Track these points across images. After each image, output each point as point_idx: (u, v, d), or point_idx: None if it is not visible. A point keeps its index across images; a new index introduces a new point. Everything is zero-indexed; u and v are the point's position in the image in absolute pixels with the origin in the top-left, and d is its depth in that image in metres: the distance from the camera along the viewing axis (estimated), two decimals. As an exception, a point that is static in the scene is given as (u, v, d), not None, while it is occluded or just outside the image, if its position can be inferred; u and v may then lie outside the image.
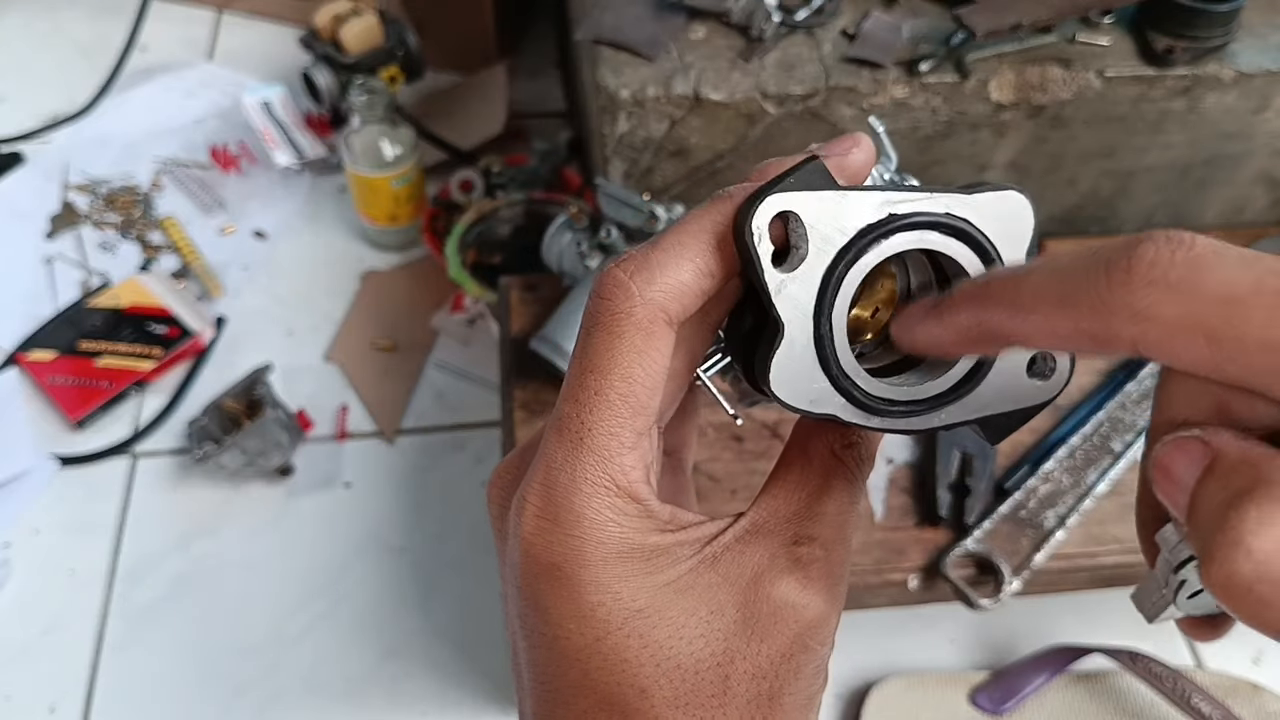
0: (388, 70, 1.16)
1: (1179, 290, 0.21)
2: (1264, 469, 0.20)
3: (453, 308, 1.07)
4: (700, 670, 0.26)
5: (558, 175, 1.08)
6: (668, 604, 0.26)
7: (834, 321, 0.27)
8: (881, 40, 0.79)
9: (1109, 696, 0.81)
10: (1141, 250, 0.22)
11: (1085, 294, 0.22)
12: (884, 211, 0.26)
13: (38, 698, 0.83)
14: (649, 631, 0.26)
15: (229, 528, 0.93)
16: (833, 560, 0.28)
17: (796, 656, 0.26)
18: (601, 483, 0.26)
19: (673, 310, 0.26)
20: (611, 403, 0.26)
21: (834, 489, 0.28)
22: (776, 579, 0.27)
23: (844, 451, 0.28)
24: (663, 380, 0.27)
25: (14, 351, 1.03)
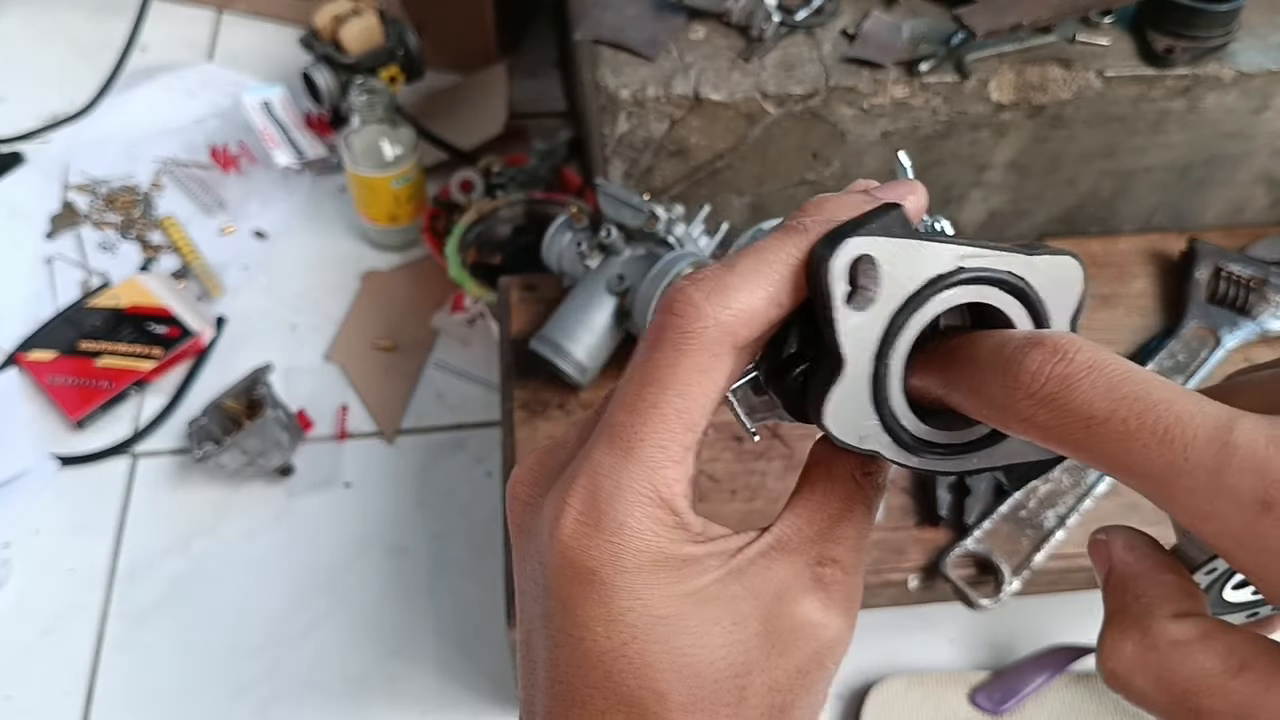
0: (388, 70, 1.16)
1: (1049, 406, 0.23)
2: (1132, 589, 0.24)
3: (453, 308, 1.07)
4: (719, 679, 0.27)
5: (558, 175, 1.08)
6: (692, 612, 0.27)
7: (893, 365, 0.28)
8: (881, 40, 0.79)
9: (1109, 696, 0.81)
10: (1026, 361, 0.24)
11: (991, 391, 0.25)
12: (955, 264, 0.28)
13: (38, 698, 0.83)
14: (672, 638, 0.27)
15: (229, 528, 0.93)
16: (851, 583, 0.29)
17: (812, 673, 0.27)
18: (646, 493, 0.27)
19: (740, 335, 0.27)
20: (666, 417, 0.27)
21: (854, 513, 0.29)
22: (800, 597, 0.28)
23: (864, 478, 0.29)
24: (717, 400, 0.28)
25: (14, 351, 1.03)
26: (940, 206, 0.89)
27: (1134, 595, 0.24)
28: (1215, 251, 0.83)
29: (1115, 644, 0.23)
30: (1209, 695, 0.22)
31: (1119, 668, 0.23)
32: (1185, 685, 0.22)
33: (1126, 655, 0.23)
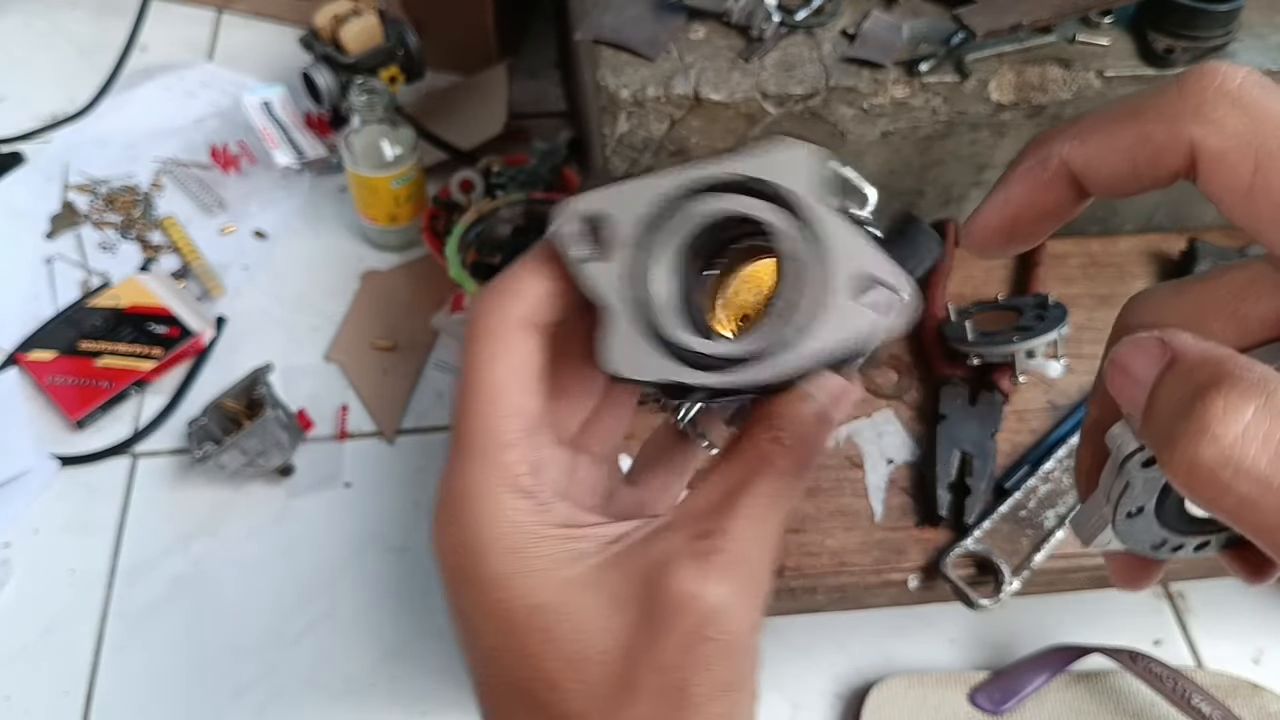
0: (388, 70, 1.16)
1: (1247, 108, 0.23)
2: (1227, 365, 0.21)
3: (453, 308, 1.07)
4: (606, 664, 0.26)
5: (558, 175, 1.08)
6: (569, 599, 0.27)
7: (651, 287, 0.28)
8: (881, 40, 0.79)
9: (1109, 696, 0.81)
10: (1214, 67, 0.24)
11: (1155, 102, 0.24)
12: (681, 186, 0.29)
13: (38, 698, 0.83)
14: (552, 626, 0.27)
15: (229, 528, 0.93)
16: (738, 550, 0.27)
17: (698, 648, 0.27)
18: (486, 483, 0.28)
19: (522, 312, 0.29)
20: (482, 406, 0.28)
21: (755, 482, 0.28)
22: (674, 570, 0.27)
23: (770, 444, 0.29)
24: (533, 379, 0.29)
25: (14, 351, 1.03)
26: (940, 207, 0.89)
27: (1241, 365, 0.21)
28: (1215, 251, 0.83)
29: (1233, 410, 0.20)
30: None
31: (1233, 438, 0.20)
32: None
33: (1247, 422, 0.20)
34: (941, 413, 0.74)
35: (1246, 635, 0.86)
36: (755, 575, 0.28)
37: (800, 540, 0.68)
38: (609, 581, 0.27)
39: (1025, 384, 0.78)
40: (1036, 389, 0.78)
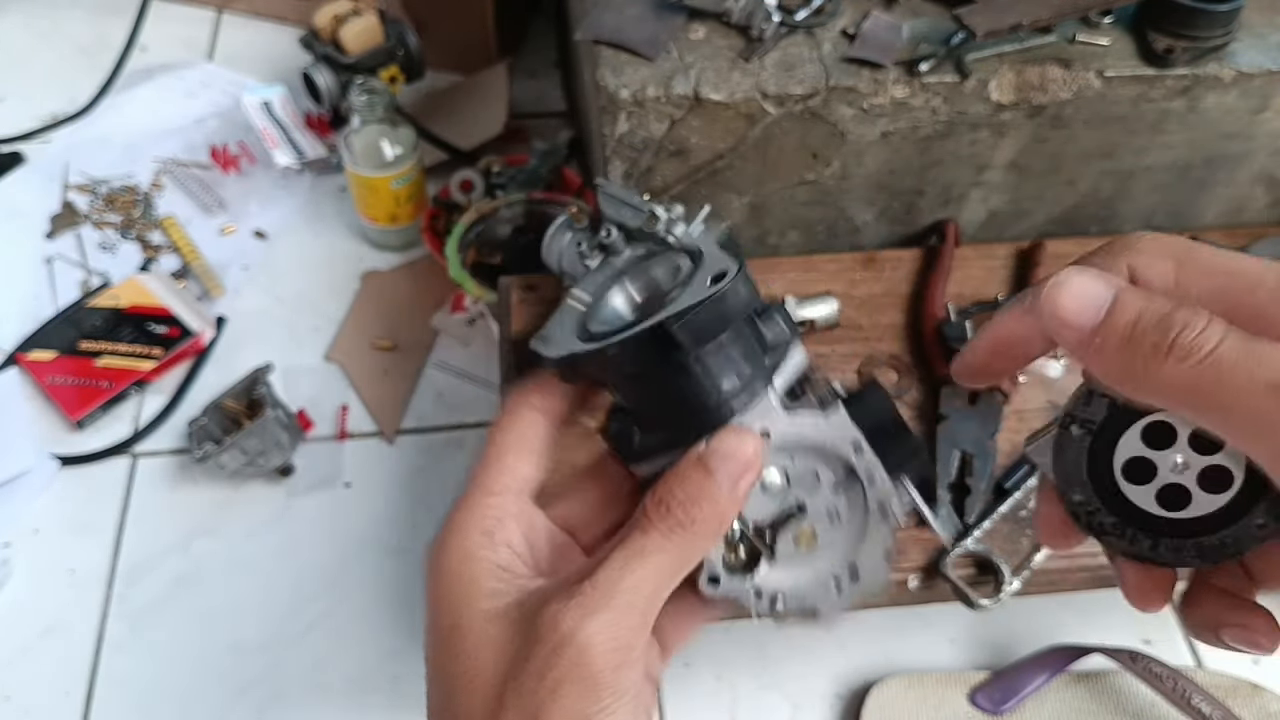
0: (388, 70, 1.16)
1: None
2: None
3: (453, 308, 1.07)
4: (489, 684, 0.31)
5: (558, 175, 1.08)
6: (476, 625, 0.32)
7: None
8: (881, 40, 0.79)
9: (1109, 696, 0.81)
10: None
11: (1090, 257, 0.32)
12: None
13: (38, 698, 0.83)
14: (458, 645, 0.32)
15: (229, 528, 0.93)
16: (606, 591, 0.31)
17: (549, 674, 0.30)
18: (466, 518, 0.34)
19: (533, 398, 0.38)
20: (488, 460, 0.36)
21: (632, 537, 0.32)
22: (545, 604, 0.31)
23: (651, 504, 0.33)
24: (530, 451, 0.37)
25: (14, 351, 1.03)
26: (940, 207, 0.89)
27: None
28: (1215, 251, 0.83)
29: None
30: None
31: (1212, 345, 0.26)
32: None
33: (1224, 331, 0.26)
34: (941, 413, 0.74)
35: (1246, 635, 0.86)
36: (620, 617, 0.31)
37: (800, 540, 0.68)
38: (510, 617, 0.32)
39: (1025, 384, 0.78)
40: (1036, 389, 0.78)
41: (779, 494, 0.36)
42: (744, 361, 0.36)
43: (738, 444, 0.33)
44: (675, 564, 0.33)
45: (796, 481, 0.36)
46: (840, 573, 0.36)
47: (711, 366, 0.35)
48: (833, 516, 0.36)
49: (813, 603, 0.36)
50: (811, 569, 0.36)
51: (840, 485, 0.36)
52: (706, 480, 0.33)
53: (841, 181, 0.85)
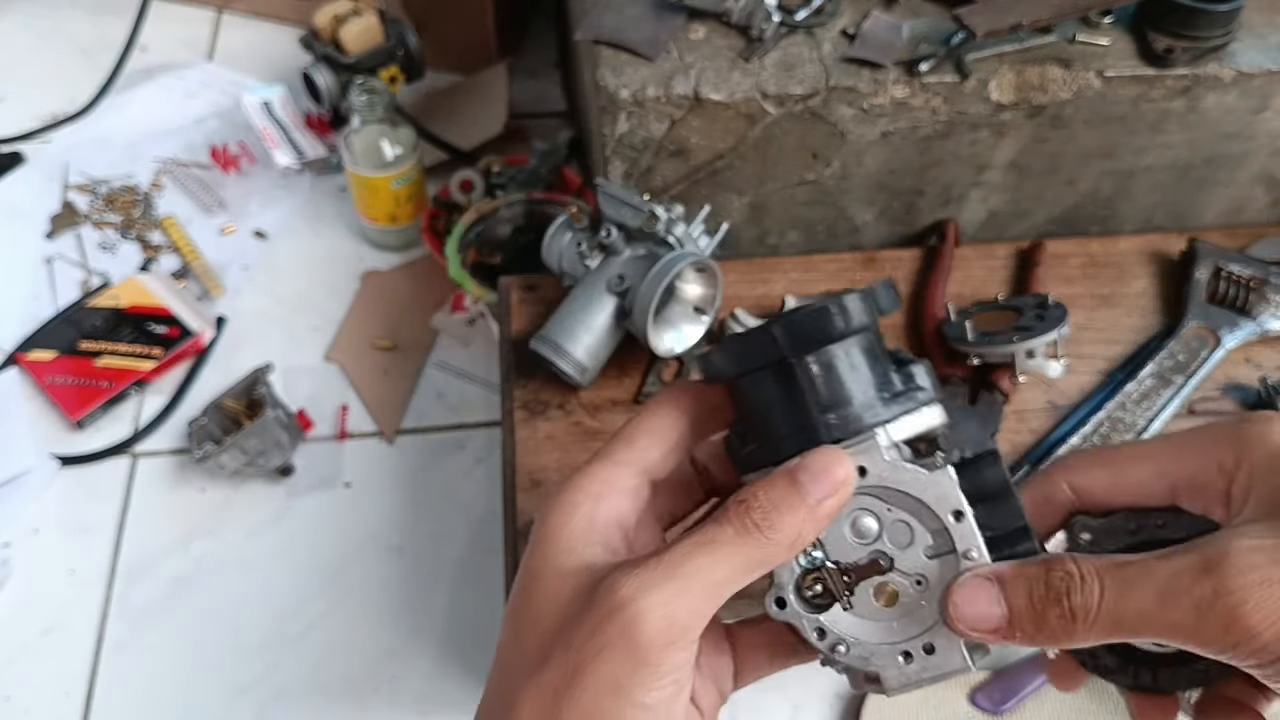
0: (388, 70, 1.16)
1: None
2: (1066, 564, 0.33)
3: (453, 308, 1.07)
4: (543, 636, 0.33)
5: (558, 175, 1.08)
6: (554, 581, 0.34)
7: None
8: (881, 40, 0.79)
9: (1109, 696, 0.81)
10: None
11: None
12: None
13: (38, 698, 0.83)
14: (533, 591, 0.34)
15: (229, 528, 0.93)
16: (670, 570, 0.32)
17: (598, 636, 0.31)
18: (578, 483, 0.35)
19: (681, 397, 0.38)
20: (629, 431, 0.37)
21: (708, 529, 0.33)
22: (612, 573, 0.32)
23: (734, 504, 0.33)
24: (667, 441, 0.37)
25: (14, 351, 1.03)
26: (940, 207, 0.89)
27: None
28: (1215, 251, 0.83)
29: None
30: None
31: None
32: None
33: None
34: (941, 413, 0.74)
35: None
36: (677, 596, 0.31)
37: (800, 540, 0.68)
38: (581, 578, 0.33)
39: (1025, 384, 0.78)
40: (1036, 389, 0.78)
41: (870, 541, 0.35)
42: (858, 394, 0.35)
43: (830, 463, 0.33)
44: (744, 564, 0.33)
45: (890, 533, 0.35)
46: (913, 647, 0.34)
47: (818, 383, 0.35)
48: (920, 581, 0.34)
49: (876, 666, 0.34)
50: (885, 630, 0.35)
51: (934, 552, 0.34)
52: (791, 492, 0.33)
53: (841, 181, 0.85)
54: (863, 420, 0.34)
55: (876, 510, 0.35)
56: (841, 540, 0.35)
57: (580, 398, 0.77)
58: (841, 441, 0.34)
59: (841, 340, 0.35)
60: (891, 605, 0.35)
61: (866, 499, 0.34)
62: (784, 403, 0.35)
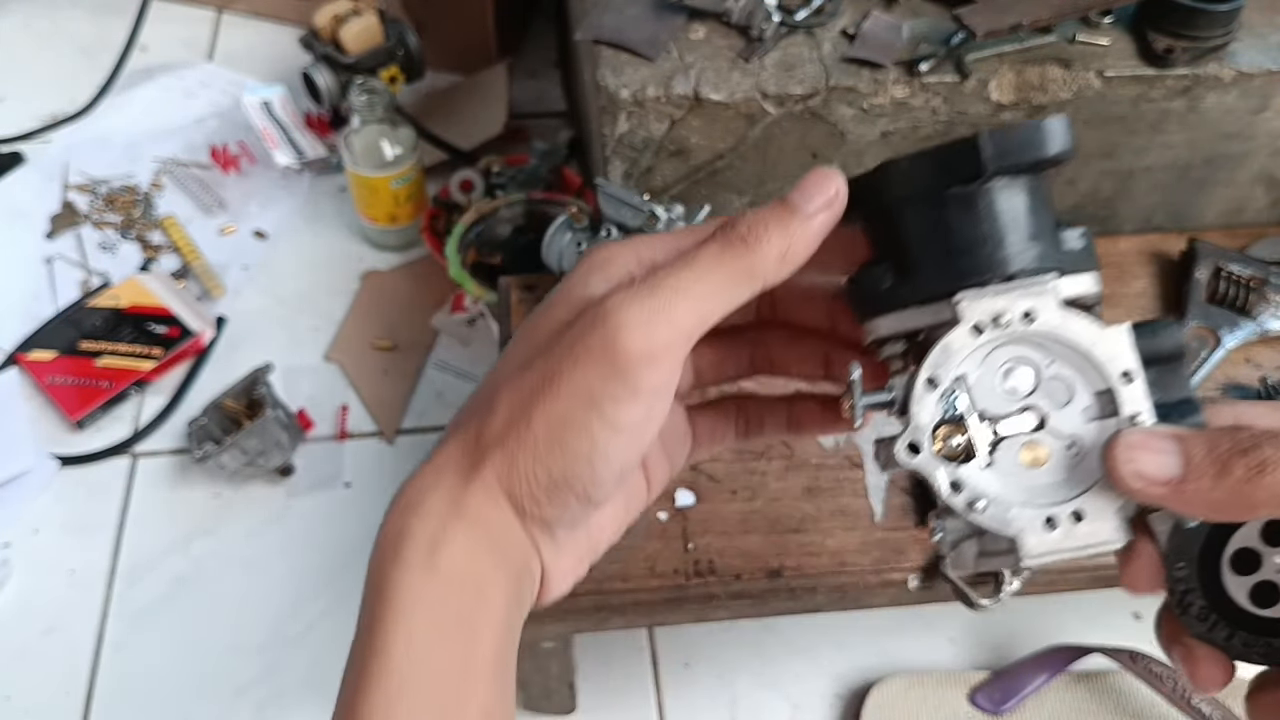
0: (388, 70, 1.16)
1: None
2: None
3: (453, 308, 1.07)
4: (537, 345, 0.33)
5: (558, 175, 1.08)
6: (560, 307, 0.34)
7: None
8: (881, 40, 0.79)
9: (1109, 696, 0.81)
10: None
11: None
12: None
13: (38, 698, 0.83)
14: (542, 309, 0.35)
15: (229, 528, 0.93)
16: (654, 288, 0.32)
17: (578, 345, 0.31)
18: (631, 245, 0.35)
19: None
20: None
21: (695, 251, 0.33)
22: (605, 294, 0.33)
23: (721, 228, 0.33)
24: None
25: (14, 351, 1.03)
26: (940, 206, 0.89)
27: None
28: (1215, 251, 0.83)
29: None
30: None
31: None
32: None
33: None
34: (941, 413, 0.74)
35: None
36: (659, 314, 0.31)
37: (800, 540, 0.68)
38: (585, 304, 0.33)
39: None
40: (1036, 389, 0.78)
41: (1023, 396, 0.32)
42: (1036, 235, 0.32)
43: (824, 177, 0.32)
44: (728, 277, 0.32)
45: (1046, 389, 0.32)
46: (1059, 513, 0.31)
47: (999, 212, 0.31)
48: (1073, 446, 0.31)
49: (1015, 530, 0.31)
50: (1029, 491, 0.31)
51: (1093, 415, 0.31)
52: (782, 208, 0.32)
53: (841, 181, 0.85)
54: (1040, 261, 0.31)
55: (1035, 363, 0.32)
56: (991, 390, 0.32)
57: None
58: (1015, 278, 0.31)
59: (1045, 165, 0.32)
60: (1037, 468, 0.32)
61: (1026, 349, 0.32)
62: (957, 229, 0.32)
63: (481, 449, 0.33)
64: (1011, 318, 0.31)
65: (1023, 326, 0.31)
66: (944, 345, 0.32)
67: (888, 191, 0.33)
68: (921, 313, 0.32)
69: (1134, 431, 0.30)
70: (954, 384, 0.32)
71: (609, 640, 0.85)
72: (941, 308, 0.32)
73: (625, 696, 0.84)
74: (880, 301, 0.33)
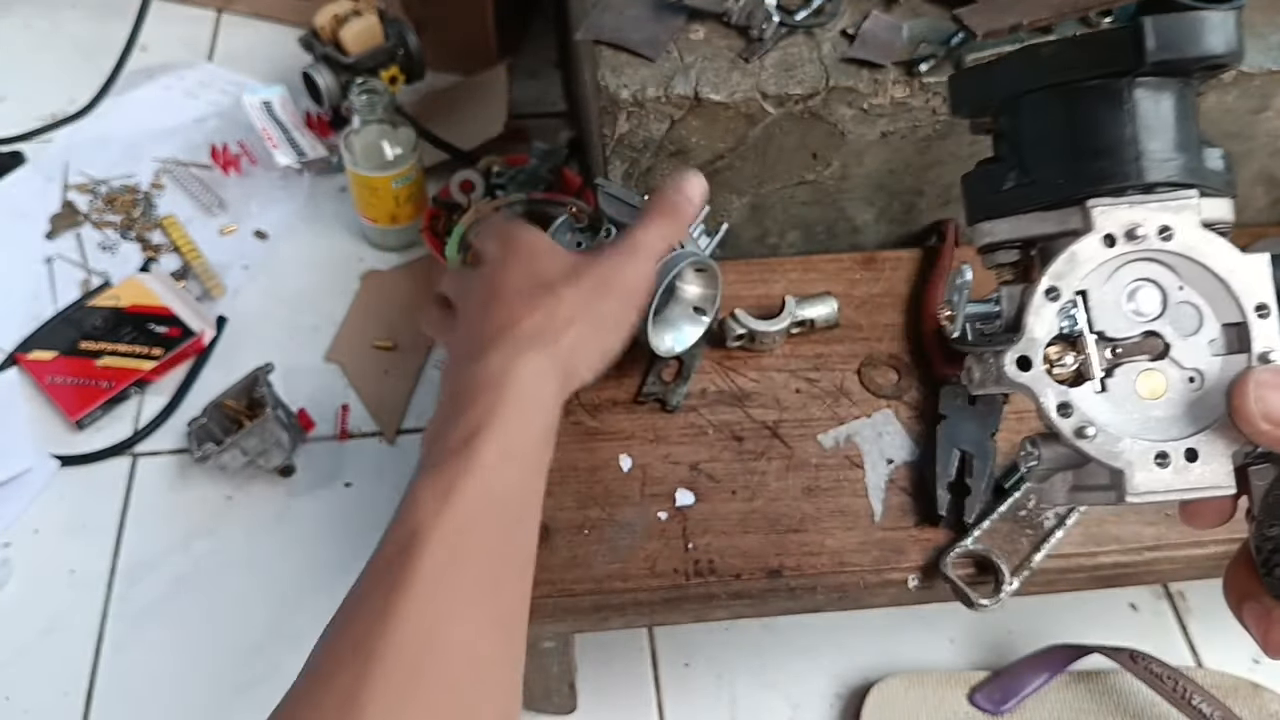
0: (388, 71, 1.16)
1: None
2: None
3: (453, 308, 1.07)
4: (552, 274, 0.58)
5: (558, 175, 1.08)
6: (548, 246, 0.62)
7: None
8: (881, 40, 0.79)
9: (1109, 696, 0.81)
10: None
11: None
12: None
13: (38, 698, 0.84)
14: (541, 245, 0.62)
15: (229, 528, 0.93)
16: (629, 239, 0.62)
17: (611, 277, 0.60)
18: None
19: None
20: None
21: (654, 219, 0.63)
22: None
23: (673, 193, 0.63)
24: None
25: (14, 351, 1.03)
26: (940, 207, 0.89)
27: None
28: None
29: None
30: None
31: None
32: None
33: None
34: (941, 413, 0.74)
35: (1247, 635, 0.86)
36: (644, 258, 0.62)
37: (800, 540, 0.68)
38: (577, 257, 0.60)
39: (1025, 384, 0.78)
40: (1036, 389, 0.78)
41: (1147, 320, 0.29)
42: (1182, 146, 0.29)
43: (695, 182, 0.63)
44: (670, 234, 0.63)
45: (1174, 315, 0.29)
46: (1173, 450, 0.28)
47: (1147, 114, 0.28)
48: (1195, 379, 0.29)
49: (1124, 462, 0.28)
50: (1141, 423, 0.29)
51: (1220, 348, 0.29)
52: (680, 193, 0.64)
53: (841, 182, 0.85)
54: (1184, 174, 0.29)
55: (1165, 284, 0.29)
56: (1114, 310, 0.29)
57: (580, 397, 0.77)
58: (1156, 190, 0.28)
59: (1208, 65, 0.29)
60: (1154, 399, 0.29)
61: (1156, 268, 0.29)
62: (1100, 129, 0.29)
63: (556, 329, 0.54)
64: (1147, 231, 0.28)
65: (1158, 243, 0.28)
66: (1070, 254, 0.29)
67: (1026, 78, 0.30)
68: (1046, 218, 0.30)
69: (1266, 369, 0.28)
70: (1074, 299, 0.29)
71: (609, 640, 0.85)
72: (1070, 214, 0.29)
73: (625, 696, 0.84)
74: (1000, 203, 0.31)
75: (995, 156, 0.31)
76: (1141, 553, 0.68)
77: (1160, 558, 0.69)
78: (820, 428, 0.74)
